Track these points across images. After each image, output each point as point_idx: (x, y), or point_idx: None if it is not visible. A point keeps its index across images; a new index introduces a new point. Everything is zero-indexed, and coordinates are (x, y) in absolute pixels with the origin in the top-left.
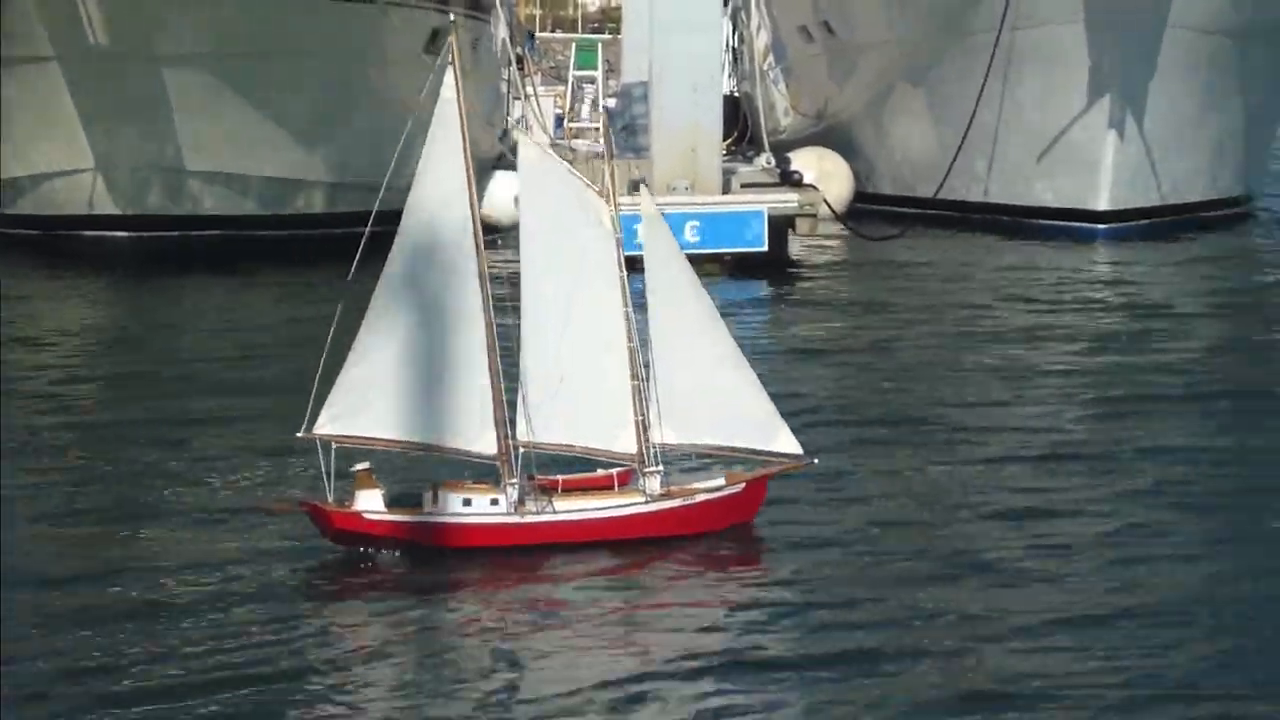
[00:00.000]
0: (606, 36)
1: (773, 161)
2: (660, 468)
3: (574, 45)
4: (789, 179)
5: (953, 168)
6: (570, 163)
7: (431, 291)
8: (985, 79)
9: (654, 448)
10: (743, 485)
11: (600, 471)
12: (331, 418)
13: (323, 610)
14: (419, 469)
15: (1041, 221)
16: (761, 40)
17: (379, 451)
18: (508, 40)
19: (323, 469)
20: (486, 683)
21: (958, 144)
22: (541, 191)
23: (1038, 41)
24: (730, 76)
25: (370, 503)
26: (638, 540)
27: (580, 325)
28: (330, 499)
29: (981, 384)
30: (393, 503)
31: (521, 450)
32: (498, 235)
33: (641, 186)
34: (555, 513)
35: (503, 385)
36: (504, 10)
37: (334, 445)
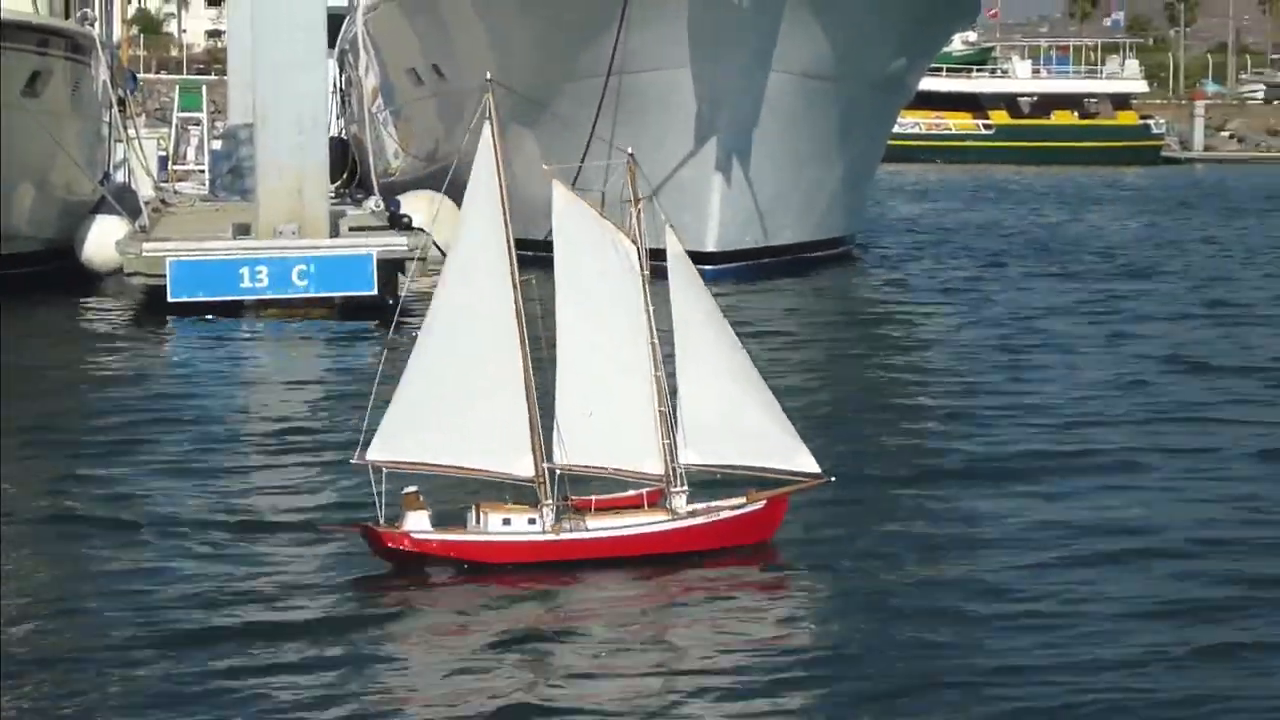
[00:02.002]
0: (212, 78)
1: (382, 204)
2: (686, 488)
3: (178, 86)
4: (398, 222)
5: None
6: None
7: (472, 326)
8: (595, 121)
9: (680, 469)
10: (764, 502)
11: (630, 492)
12: (382, 444)
13: (372, 622)
14: (462, 491)
15: (652, 262)
16: (370, 82)
17: (425, 475)
18: (109, 82)
19: (374, 492)
20: (519, 689)
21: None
22: (574, 233)
23: (646, 85)
24: (339, 118)
25: (418, 523)
26: (666, 555)
27: (610, 356)
28: (381, 520)
29: None
30: (438, 523)
31: (557, 473)
32: (531, 275)
33: (668, 228)
34: (588, 530)
35: (538, 412)
36: (105, 52)
37: (384, 470)
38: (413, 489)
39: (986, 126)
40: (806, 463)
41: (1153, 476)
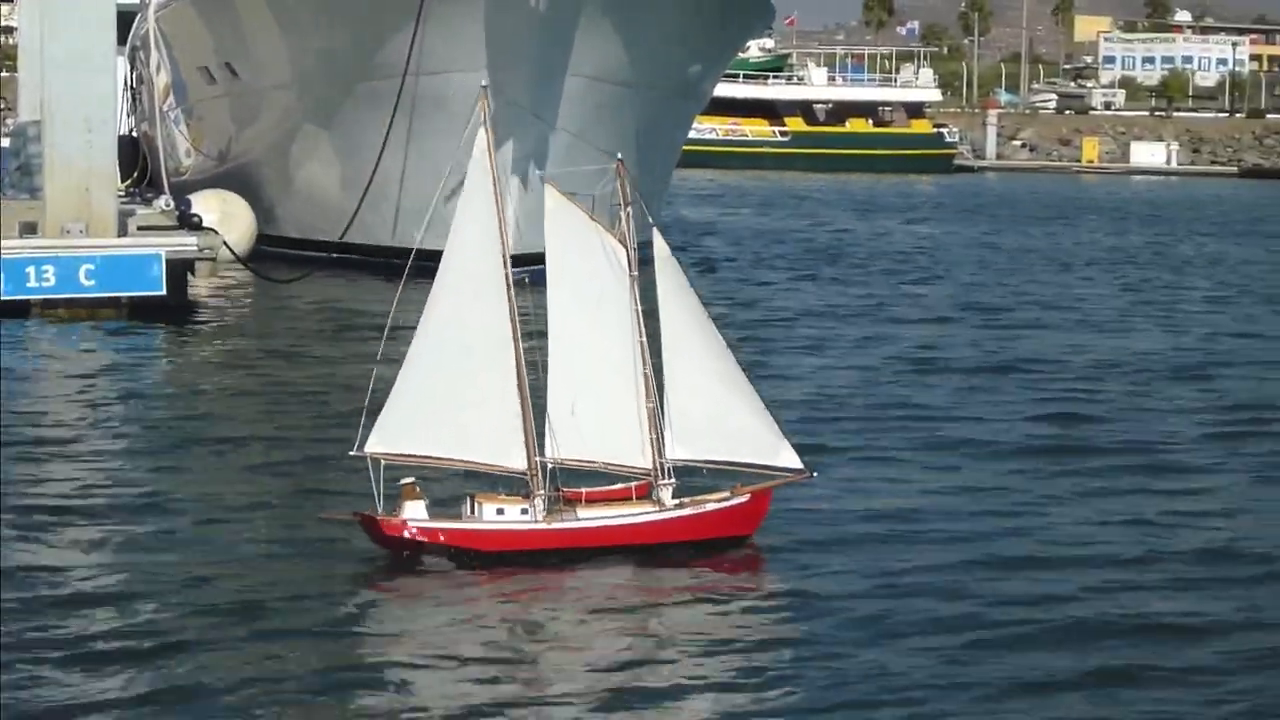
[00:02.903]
0: (3, 74)
1: (172, 204)
2: (673, 481)
3: None
4: (188, 221)
5: (360, 211)
6: None
7: (467, 324)
8: (390, 123)
9: (668, 463)
10: (748, 496)
11: (620, 485)
12: (380, 438)
13: (372, 607)
14: (458, 482)
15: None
16: (162, 80)
17: (422, 467)
18: None
19: (373, 482)
20: (511, 675)
21: (364, 187)
22: (565, 234)
23: (441, 88)
24: (129, 116)
25: (415, 512)
26: (653, 546)
27: (600, 353)
28: (380, 509)
29: None
30: (435, 512)
31: (549, 465)
32: (524, 272)
33: (654, 231)
34: (579, 520)
35: (531, 408)
36: None
37: (383, 462)
38: (410, 480)
39: (783, 133)
40: (790, 458)
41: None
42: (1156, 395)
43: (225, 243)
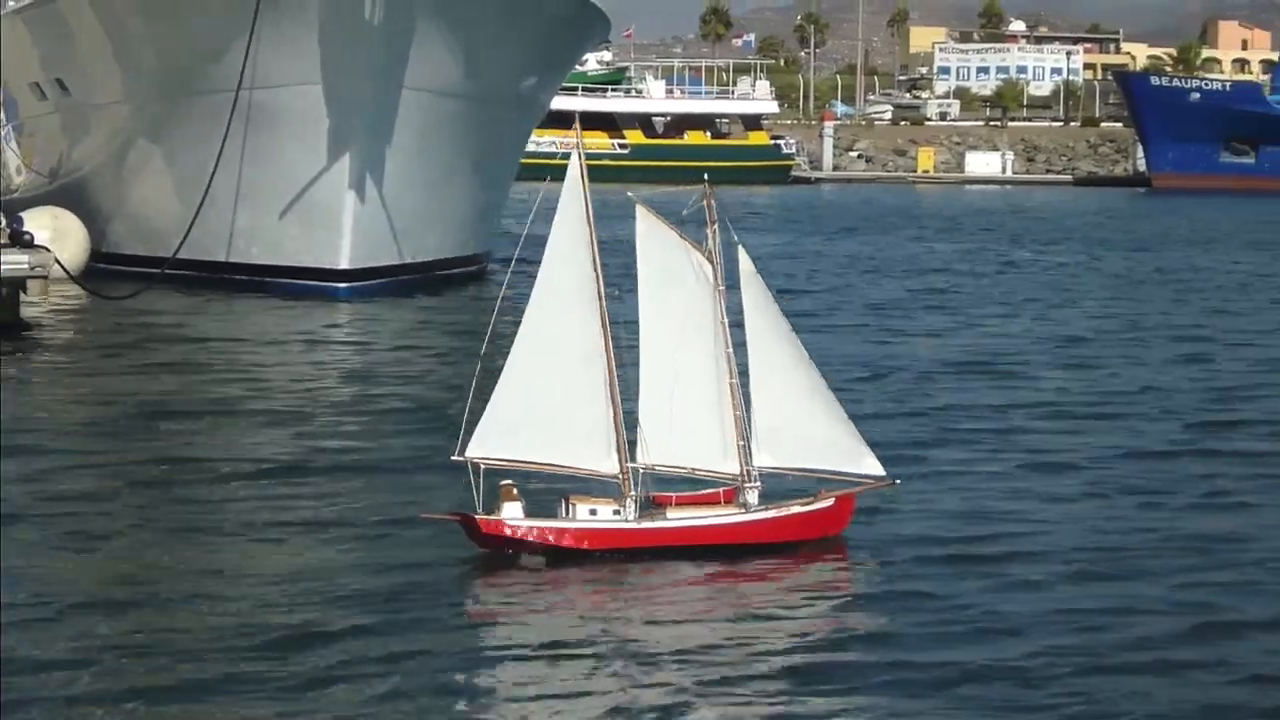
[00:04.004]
0: None
1: (4, 221)
2: (759, 485)
3: None
4: (19, 239)
5: (195, 226)
6: None
7: (562, 334)
8: (225, 138)
9: (754, 469)
10: (832, 501)
11: (707, 490)
12: (480, 442)
13: (471, 603)
14: (554, 485)
15: (285, 280)
16: None
17: (519, 471)
18: None
19: (472, 485)
20: (608, 671)
21: (199, 202)
22: (656, 252)
23: (277, 101)
24: None
25: (513, 512)
26: (738, 547)
27: (689, 364)
28: (479, 510)
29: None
30: (531, 513)
31: (640, 470)
32: (616, 288)
33: (740, 249)
34: (668, 521)
35: (622, 415)
36: None
37: (482, 466)
38: (508, 482)
39: (622, 146)
40: (873, 466)
41: None
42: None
43: (58, 260)
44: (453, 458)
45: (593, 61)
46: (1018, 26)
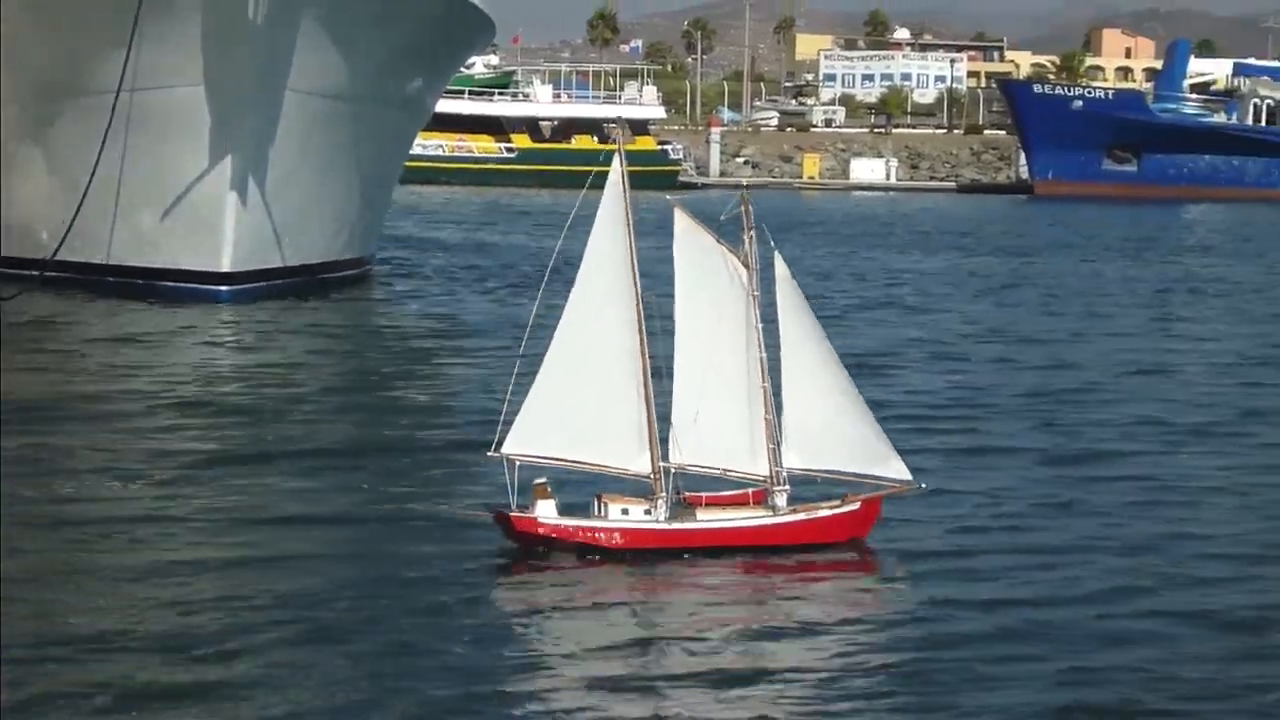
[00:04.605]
0: None
1: None
2: (788, 488)
3: None
4: None
5: (76, 229)
6: None
7: (597, 337)
8: (105, 139)
9: (783, 471)
10: (859, 504)
11: (737, 491)
12: (515, 440)
13: (505, 595)
14: (587, 484)
15: (167, 283)
16: None
17: (553, 468)
18: None
19: (507, 482)
20: (640, 666)
21: (77, 204)
22: (693, 255)
23: (159, 103)
24: None
25: (546, 510)
26: (767, 548)
27: (721, 367)
28: (514, 507)
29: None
30: (564, 511)
31: (672, 470)
32: (650, 292)
33: (776, 254)
34: (698, 522)
35: (655, 416)
36: None
37: (517, 463)
38: (542, 480)
39: (509, 149)
40: (900, 470)
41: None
42: None
43: None
44: (488, 454)
45: (480, 65)
46: (903, 34)
